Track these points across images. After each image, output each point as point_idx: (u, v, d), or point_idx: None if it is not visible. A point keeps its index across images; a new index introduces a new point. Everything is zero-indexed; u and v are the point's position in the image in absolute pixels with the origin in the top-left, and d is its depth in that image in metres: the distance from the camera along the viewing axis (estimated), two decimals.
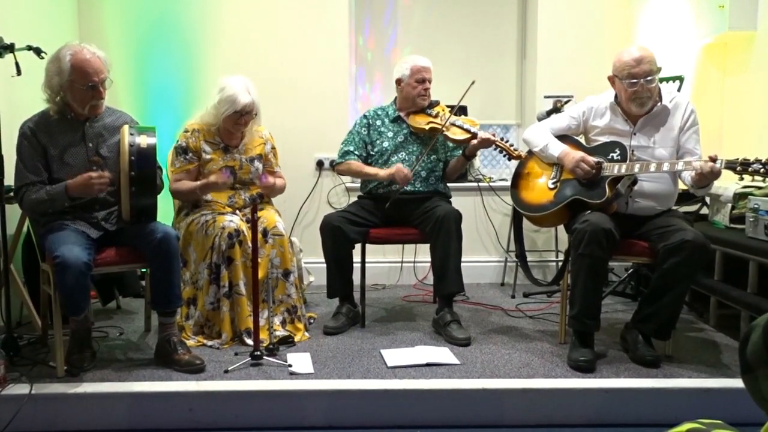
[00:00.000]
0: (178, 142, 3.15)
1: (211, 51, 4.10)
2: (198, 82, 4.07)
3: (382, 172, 3.23)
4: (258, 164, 3.21)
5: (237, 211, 3.11)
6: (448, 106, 3.40)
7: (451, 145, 3.33)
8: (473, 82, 3.13)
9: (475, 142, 3.13)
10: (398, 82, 3.35)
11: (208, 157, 3.12)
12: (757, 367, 0.85)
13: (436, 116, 3.29)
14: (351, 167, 3.33)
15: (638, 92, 2.75)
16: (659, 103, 2.84)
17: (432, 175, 3.33)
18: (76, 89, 2.61)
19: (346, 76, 4.21)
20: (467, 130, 3.18)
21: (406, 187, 3.24)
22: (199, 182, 3.04)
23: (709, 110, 4.08)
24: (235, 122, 3.08)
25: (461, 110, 3.34)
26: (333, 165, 3.50)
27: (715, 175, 2.54)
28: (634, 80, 2.73)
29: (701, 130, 2.91)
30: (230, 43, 4.11)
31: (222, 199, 3.12)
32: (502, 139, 3.15)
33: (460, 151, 3.30)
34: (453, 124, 3.22)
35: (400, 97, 3.38)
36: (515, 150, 3.12)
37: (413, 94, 3.30)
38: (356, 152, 3.32)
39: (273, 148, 3.33)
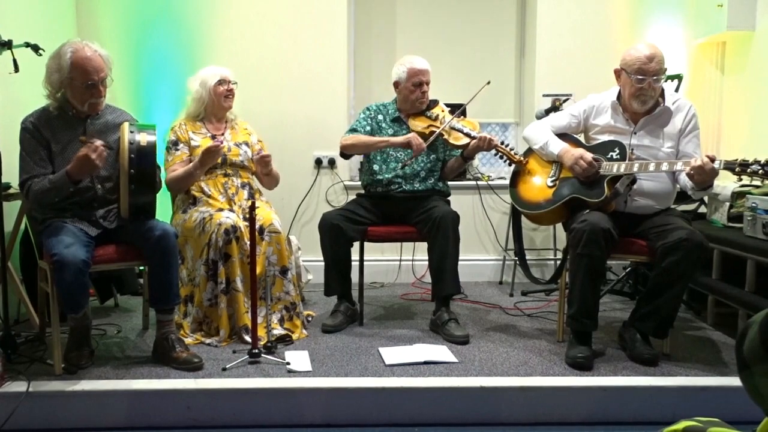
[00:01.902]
0: (169, 138, 3.20)
1: (208, 49, 4.09)
2: None
3: (394, 139, 3.20)
4: (246, 148, 3.26)
5: (232, 205, 3.11)
6: (447, 105, 3.39)
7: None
8: (488, 83, 3.13)
9: (474, 142, 3.12)
10: (396, 84, 3.33)
11: (196, 144, 3.16)
12: (754, 364, 0.85)
13: (435, 119, 3.27)
14: (359, 138, 3.26)
15: (644, 90, 2.74)
16: (662, 105, 2.83)
17: (431, 174, 3.32)
18: (76, 86, 2.60)
19: (344, 74, 4.20)
20: (467, 134, 3.17)
21: (405, 186, 3.24)
22: (192, 163, 3.07)
23: (707, 109, 4.09)
24: (225, 94, 3.21)
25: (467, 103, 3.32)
26: (333, 163, 3.46)
27: (710, 173, 2.52)
28: (643, 77, 2.72)
29: (700, 133, 2.90)
30: (228, 41, 4.10)
31: (217, 186, 3.13)
32: (502, 143, 3.14)
33: (459, 152, 3.30)
34: (453, 128, 3.20)
35: (399, 99, 3.37)
36: (516, 154, 3.11)
37: (411, 98, 3.29)
38: (362, 132, 3.31)
39: (259, 140, 3.39)
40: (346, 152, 3.35)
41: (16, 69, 2.68)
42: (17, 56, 2.68)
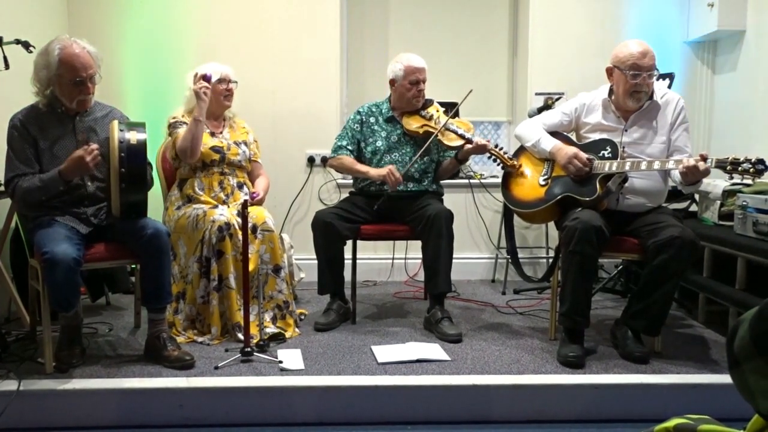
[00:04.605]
0: (173, 119, 3.16)
1: (200, 47, 4.07)
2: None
3: (373, 172, 3.21)
4: (245, 147, 3.25)
5: (226, 202, 3.09)
6: (441, 104, 3.38)
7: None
8: (470, 92, 3.12)
9: (470, 147, 3.13)
10: (392, 82, 3.31)
11: None
12: (744, 361, 0.85)
13: (430, 118, 3.27)
14: (343, 163, 3.31)
15: (639, 85, 2.75)
16: (650, 100, 2.85)
17: (425, 176, 3.32)
18: (64, 84, 2.58)
19: (337, 72, 4.19)
20: (462, 136, 3.16)
21: (399, 187, 3.24)
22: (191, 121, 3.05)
23: (698, 108, 4.11)
24: (224, 93, 3.18)
25: (454, 112, 3.33)
26: (325, 161, 3.48)
27: (703, 173, 2.54)
28: (638, 72, 2.73)
29: (690, 128, 2.92)
30: (221, 38, 4.09)
31: (212, 184, 3.12)
32: (496, 146, 3.14)
33: (453, 153, 3.29)
34: (448, 129, 3.19)
35: (394, 97, 3.36)
36: (510, 159, 3.10)
37: (407, 96, 3.27)
38: (349, 147, 3.31)
39: (255, 140, 3.37)
40: (332, 169, 3.43)
41: (7, 66, 2.66)
42: (7, 53, 2.66)
